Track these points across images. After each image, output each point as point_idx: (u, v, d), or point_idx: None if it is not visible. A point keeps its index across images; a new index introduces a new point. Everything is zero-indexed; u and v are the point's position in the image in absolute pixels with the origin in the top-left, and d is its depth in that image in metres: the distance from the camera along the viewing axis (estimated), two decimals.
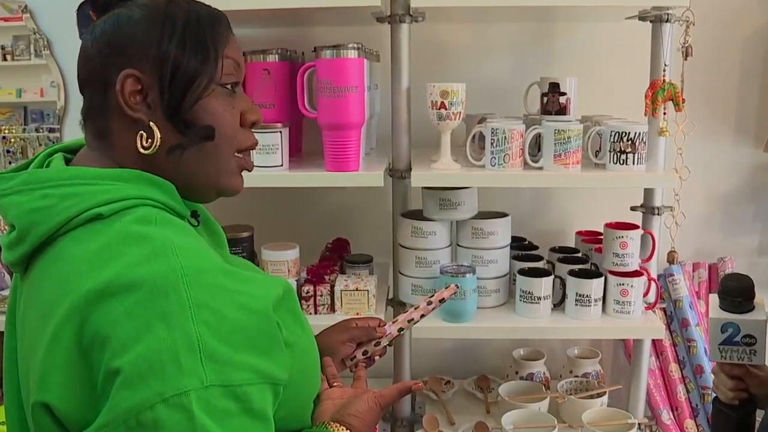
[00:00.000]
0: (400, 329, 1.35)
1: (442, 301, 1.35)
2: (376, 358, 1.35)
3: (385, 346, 1.34)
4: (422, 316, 1.35)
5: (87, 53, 0.97)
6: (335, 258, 2.11)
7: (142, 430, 0.80)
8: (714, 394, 1.35)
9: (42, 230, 0.90)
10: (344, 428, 1.07)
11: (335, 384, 1.19)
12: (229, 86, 1.00)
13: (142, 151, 0.95)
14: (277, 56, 1.88)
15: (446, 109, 1.80)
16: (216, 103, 0.98)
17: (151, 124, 0.95)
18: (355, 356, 1.33)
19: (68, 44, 1.98)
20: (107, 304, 0.82)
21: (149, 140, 0.95)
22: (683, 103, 1.90)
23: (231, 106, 1.00)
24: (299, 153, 2.08)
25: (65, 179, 0.92)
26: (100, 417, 0.81)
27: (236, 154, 1.03)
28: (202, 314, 0.83)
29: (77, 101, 1.36)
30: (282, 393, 0.92)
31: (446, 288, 1.37)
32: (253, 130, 1.06)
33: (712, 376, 1.36)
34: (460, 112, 1.82)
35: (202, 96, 0.96)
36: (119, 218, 0.90)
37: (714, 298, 1.29)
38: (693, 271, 2.32)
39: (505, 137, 1.80)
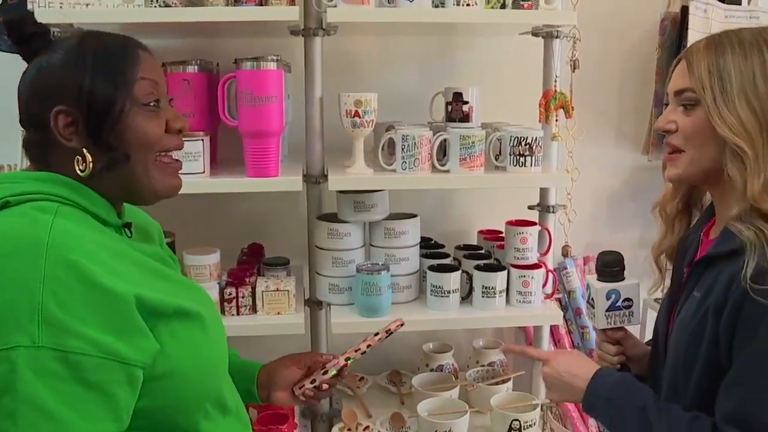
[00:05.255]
0: (348, 358, 1.44)
1: (388, 332, 1.45)
2: (324, 386, 1.43)
3: (334, 376, 1.43)
4: (369, 346, 1.46)
5: (21, 99, 1.12)
6: (253, 261, 2.19)
7: None
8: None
9: None
10: None
11: None
12: (152, 104, 1.13)
13: (79, 173, 1.08)
14: (196, 67, 1.94)
15: (360, 117, 1.91)
16: (139, 119, 1.11)
17: (85, 150, 1.08)
18: (304, 385, 1.41)
19: None
20: None
21: (84, 164, 1.08)
22: (572, 110, 2.09)
23: (156, 119, 1.13)
24: (215, 161, 2.11)
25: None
26: None
27: (159, 154, 1.15)
28: (52, 284, 0.94)
29: None
30: (160, 381, 1.03)
31: (393, 321, 1.48)
32: (183, 138, 1.20)
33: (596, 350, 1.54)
34: (373, 120, 1.93)
35: (121, 118, 1.09)
36: (23, 206, 1.04)
37: (592, 278, 1.49)
38: (584, 264, 2.52)
39: (415, 143, 1.93)
